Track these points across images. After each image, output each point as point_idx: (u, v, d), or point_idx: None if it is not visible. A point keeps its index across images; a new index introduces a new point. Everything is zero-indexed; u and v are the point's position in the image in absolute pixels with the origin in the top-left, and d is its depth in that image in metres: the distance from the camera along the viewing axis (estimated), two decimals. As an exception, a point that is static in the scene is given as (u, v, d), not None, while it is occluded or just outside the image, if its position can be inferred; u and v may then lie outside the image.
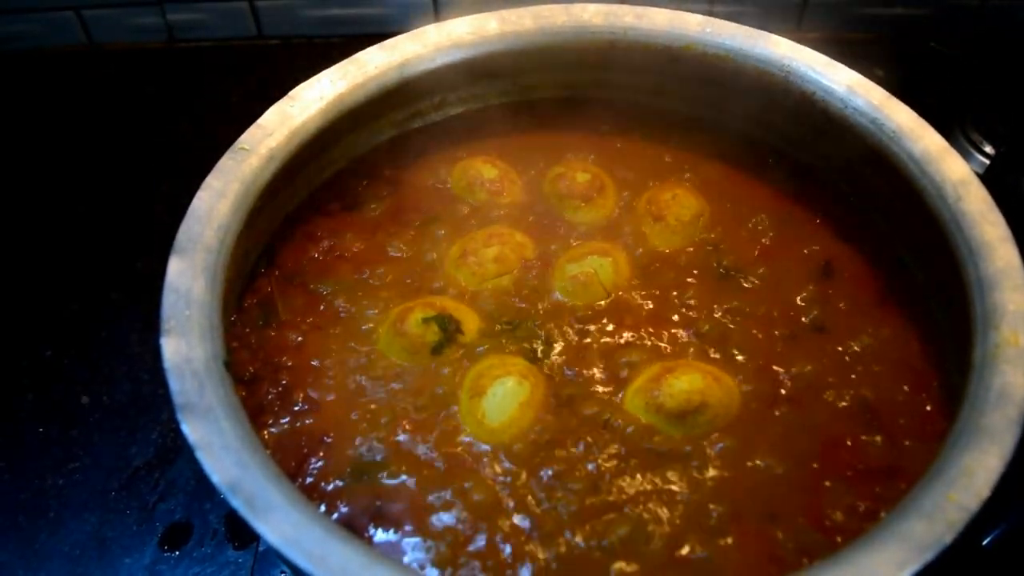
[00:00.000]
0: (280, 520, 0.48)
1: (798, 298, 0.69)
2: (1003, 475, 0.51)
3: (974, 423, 0.53)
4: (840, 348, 0.66)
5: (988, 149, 0.94)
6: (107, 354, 0.86)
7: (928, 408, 0.62)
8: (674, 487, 0.58)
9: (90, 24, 1.15)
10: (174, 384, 0.52)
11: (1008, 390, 0.53)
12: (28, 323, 0.89)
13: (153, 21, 1.14)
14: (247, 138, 0.66)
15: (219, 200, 0.62)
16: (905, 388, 0.63)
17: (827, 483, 0.58)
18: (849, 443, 0.60)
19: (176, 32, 1.15)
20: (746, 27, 0.75)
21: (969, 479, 0.50)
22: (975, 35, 1.04)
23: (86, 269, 0.93)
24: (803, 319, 0.68)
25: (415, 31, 0.75)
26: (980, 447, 0.51)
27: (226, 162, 0.64)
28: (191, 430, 0.50)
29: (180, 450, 0.78)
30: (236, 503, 0.48)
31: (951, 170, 0.65)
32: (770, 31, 0.75)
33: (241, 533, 0.73)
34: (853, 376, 0.64)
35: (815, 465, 0.59)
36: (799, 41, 0.74)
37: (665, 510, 0.57)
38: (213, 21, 1.13)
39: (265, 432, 0.60)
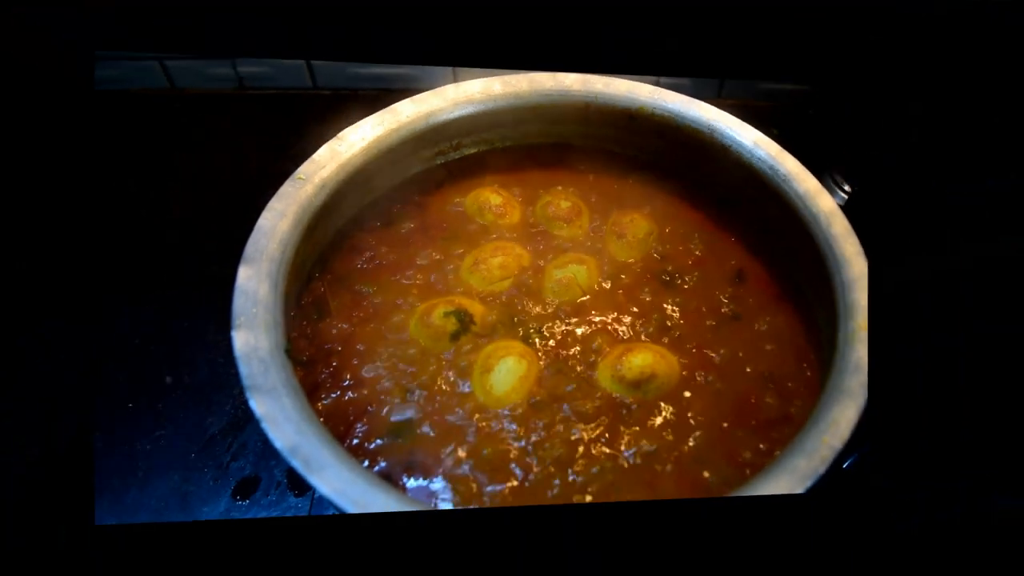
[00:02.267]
0: (331, 476, 0.49)
1: (720, 296, 0.71)
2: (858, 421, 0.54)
3: (838, 386, 0.56)
4: (749, 332, 0.68)
5: (847, 188, 0.98)
6: (188, 342, 0.82)
7: (808, 375, 0.65)
8: (631, 437, 0.60)
9: (172, 72, 1.12)
10: (243, 369, 0.53)
11: (860, 363, 0.57)
12: (122, 317, 0.85)
13: (226, 72, 1.10)
14: (303, 170, 0.66)
15: (280, 219, 0.63)
16: (793, 361, 0.66)
17: (739, 432, 0.61)
18: (753, 401, 0.63)
19: (245, 81, 1.12)
20: (684, 96, 0.77)
21: (836, 426, 0.53)
22: (841, 107, 1.10)
23: (173, 274, 0.88)
24: (724, 311, 0.69)
25: (438, 89, 0.76)
26: (842, 403, 0.55)
27: (286, 188, 0.65)
28: (257, 405, 0.51)
29: (250, 419, 0.72)
30: (295, 463, 0.49)
31: (824, 204, 0.68)
32: (700, 99, 0.76)
33: (300, 484, 0.72)
34: (758, 353, 0.66)
35: (730, 419, 0.61)
36: (720, 106, 0.76)
37: (625, 454, 0.59)
38: (276, 74, 1.10)
39: (319, 404, 0.60)
